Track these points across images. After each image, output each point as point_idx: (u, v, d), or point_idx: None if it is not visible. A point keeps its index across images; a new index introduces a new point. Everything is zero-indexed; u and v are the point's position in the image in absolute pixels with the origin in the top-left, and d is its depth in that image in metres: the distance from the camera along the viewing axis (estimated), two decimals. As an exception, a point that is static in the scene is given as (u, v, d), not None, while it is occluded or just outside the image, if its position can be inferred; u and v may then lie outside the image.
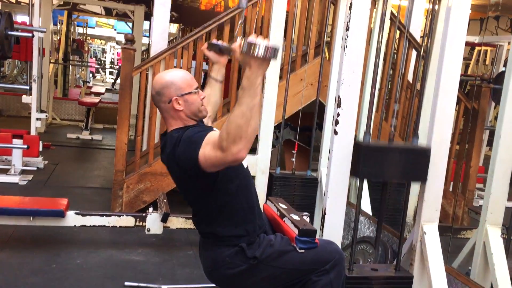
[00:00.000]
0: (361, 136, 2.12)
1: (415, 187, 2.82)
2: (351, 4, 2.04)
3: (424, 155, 2.04)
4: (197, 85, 1.83)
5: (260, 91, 1.49)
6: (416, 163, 2.04)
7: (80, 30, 12.83)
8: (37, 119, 5.10)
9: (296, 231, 1.81)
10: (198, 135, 1.63)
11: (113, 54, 20.27)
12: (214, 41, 1.95)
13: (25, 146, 4.64)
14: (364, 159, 2.00)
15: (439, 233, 2.13)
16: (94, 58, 19.67)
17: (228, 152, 1.48)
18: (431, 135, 2.07)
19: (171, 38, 9.53)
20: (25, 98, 5.04)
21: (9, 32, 4.59)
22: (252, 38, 1.45)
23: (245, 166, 1.84)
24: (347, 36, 2.05)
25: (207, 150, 1.56)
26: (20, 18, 10.45)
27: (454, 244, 3.27)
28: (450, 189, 4.48)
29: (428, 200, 2.11)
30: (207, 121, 1.95)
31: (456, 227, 3.89)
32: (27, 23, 5.19)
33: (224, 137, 1.48)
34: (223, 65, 2.05)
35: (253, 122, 1.47)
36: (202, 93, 1.83)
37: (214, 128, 1.76)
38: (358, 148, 2.05)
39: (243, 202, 1.78)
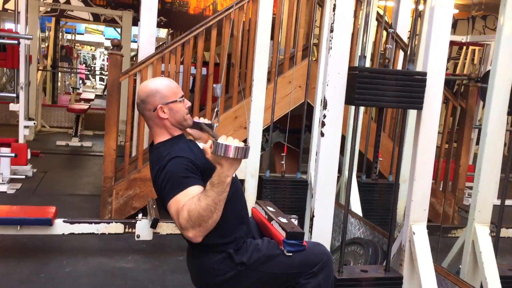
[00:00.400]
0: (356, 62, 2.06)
1: (404, 188, 2.82)
2: (334, 5, 2.05)
3: (420, 80, 2.00)
4: (182, 94, 1.82)
5: (228, 188, 1.55)
6: (412, 89, 2.00)
7: (69, 36, 12.76)
8: (25, 126, 5.05)
9: (284, 234, 1.80)
10: (180, 181, 1.60)
11: (103, 60, 20.15)
12: (195, 119, 1.98)
13: (13, 155, 4.60)
14: (360, 85, 1.95)
15: (430, 233, 2.13)
16: (84, 65, 19.55)
17: (184, 232, 1.56)
18: (417, 136, 2.07)
19: (160, 43, 9.49)
20: (12, 106, 4.99)
21: (-6, 40, 4.56)
22: (222, 139, 1.48)
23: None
24: (332, 38, 2.06)
25: (173, 209, 1.58)
26: (8, 25, 10.37)
27: (445, 243, 3.27)
28: (440, 188, 4.49)
29: (416, 200, 2.12)
30: None
31: (447, 226, 3.90)
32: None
33: (185, 217, 1.53)
34: (205, 142, 2.01)
35: (215, 215, 1.53)
36: (187, 102, 1.82)
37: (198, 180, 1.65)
38: (353, 74, 1.99)
39: (231, 212, 1.73)
